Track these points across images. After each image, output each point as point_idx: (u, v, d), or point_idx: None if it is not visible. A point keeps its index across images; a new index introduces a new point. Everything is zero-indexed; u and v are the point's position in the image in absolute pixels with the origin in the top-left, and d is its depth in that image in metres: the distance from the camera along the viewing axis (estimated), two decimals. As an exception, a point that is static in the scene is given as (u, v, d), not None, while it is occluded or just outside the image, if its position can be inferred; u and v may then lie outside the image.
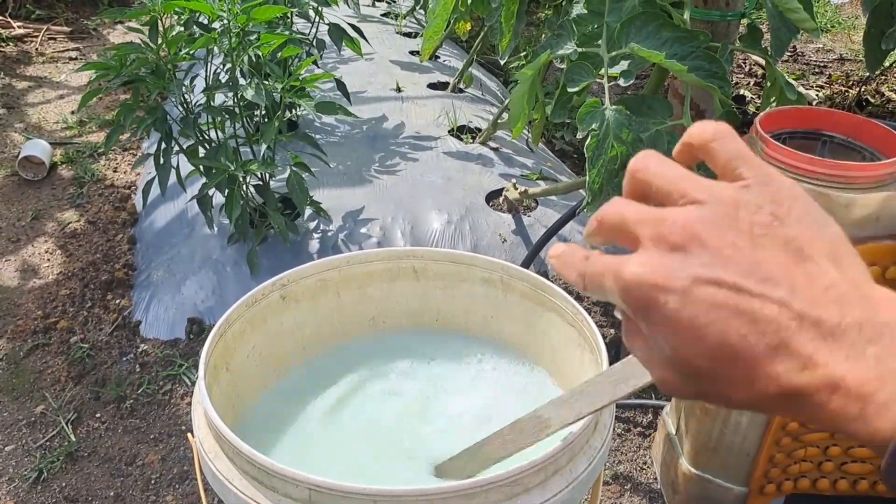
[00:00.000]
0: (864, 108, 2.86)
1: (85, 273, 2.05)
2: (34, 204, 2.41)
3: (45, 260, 2.14)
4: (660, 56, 1.05)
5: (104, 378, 1.73)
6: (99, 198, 2.43)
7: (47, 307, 1.95)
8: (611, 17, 1.14)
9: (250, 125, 1.82)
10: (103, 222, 2.29)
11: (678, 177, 0.37)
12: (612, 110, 1.09)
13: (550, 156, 2.59)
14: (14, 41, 3.74)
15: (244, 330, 1.01)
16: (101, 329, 1.87)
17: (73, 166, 2.62)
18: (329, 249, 1.91)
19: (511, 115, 1.45)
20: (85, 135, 2.87)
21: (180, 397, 1.68)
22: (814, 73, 3.53)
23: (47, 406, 1.66)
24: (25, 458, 1.55)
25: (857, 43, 3.85)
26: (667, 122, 1.16)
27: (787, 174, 1.09)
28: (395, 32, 3.47)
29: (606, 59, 1.13)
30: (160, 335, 1.84)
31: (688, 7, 1.19)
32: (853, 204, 1.06)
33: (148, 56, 1.64)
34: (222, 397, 0.93)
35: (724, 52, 1.20)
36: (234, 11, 1.57)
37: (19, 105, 3.11)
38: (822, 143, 1.23)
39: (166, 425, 1.62)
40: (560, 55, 1.20)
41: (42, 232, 2.27)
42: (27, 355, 1.80)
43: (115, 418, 1.63)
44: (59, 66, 3.53)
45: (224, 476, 0.77)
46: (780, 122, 1.22)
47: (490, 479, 0.70)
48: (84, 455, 1.55)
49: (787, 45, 1.23)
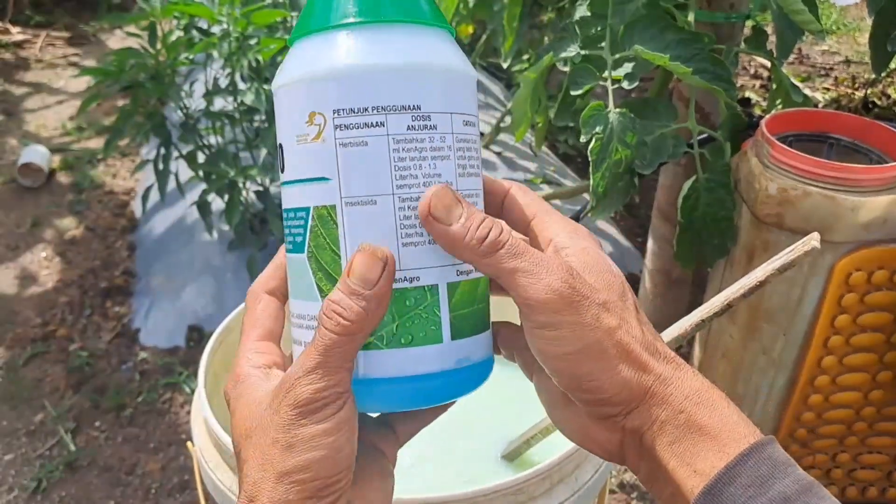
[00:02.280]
0: (870, 111, 2.85)
1: (84, 280, 2.04)
2: (33, 211, 2.40)
3: (44, 267, 2.13)
4: (664, 58, 1.04)
5: (103, 386, 1.71)
6: (98, 204, 2.42)
7: (46, 315, 1.94)
8: (614, 20, 1.13)
9: (250, 130, 1.81)
10: (102, 229, 2.28)
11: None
12: (615, 113, 1.07)
13: (554, 160, 2.58)
14: (13, 47, 3.73)
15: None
16: (101, 337, 1.85)
17: (72, 173, 2.61)
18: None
19: (514, 118, 1.44)
20: (83, 141, 2.85)
21: (180, 406, 1.67)
22: (819, 76, 3.52)
23: (46, 415, 1.65)
24: (25, 468, 1.53)
25: (862, 45, 3.84)
26: (671, 125, 1.15)
27: (794, 177, 1.08)
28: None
29: (610, 62, 1.12)
30: (160, 343, 1.83)
31: (692, 9, 1.18)
32: (860, 207, 1.05)
33: (147, 61, 1.63)
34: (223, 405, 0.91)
35: (728, 54, 1.19)
36: (234, 16, 1.56)
37: (18, 111, 3.10)
38: (829, 145, 1.22)
39: (166, 434, 1.60)
40: (563, 58, 1.19)
41: (41, 239, 2.26)
42: (26, 363, 1.79)
43: (115, 427, 1.62)
44: (58, 71, 3.52)
45: (225, 486, 0.76)
46: (786, 125, 1.21)
47: (495, 487, 0.68)
48: (84, 464, 1.54)
49: (792, 47, 1.21)
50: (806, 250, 0.52)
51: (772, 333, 1.17)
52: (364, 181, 0.37)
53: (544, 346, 0.37)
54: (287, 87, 0.39)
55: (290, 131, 0.38)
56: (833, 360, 1.14)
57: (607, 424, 0.38)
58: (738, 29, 1.36)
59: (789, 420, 1.20)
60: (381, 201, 0.37)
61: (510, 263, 0.36)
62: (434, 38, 0.39)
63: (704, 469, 0.35)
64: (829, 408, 1.19)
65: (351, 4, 0.37)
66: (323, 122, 0.37)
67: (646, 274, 1.62)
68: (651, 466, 0.37)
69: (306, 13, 0.39)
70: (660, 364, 0.37)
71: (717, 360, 1.28)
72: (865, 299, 1.10)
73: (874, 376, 1.15)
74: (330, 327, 0.35)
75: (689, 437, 0.36)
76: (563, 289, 0.36)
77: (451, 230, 0.36)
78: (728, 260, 1.23)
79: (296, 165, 0.38)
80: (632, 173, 1.13)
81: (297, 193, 0.39)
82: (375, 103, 0.36)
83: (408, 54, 0.37)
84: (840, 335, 1.13)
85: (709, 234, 1.20)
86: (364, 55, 0.37)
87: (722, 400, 0.37)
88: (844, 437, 1.22)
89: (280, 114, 0.39)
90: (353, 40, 0.37)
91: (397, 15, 0.38)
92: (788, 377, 1.18)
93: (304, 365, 0.35)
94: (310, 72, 0.37)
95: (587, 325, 0.36)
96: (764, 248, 1.14)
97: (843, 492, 1.27)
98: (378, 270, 0.35)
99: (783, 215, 1.09)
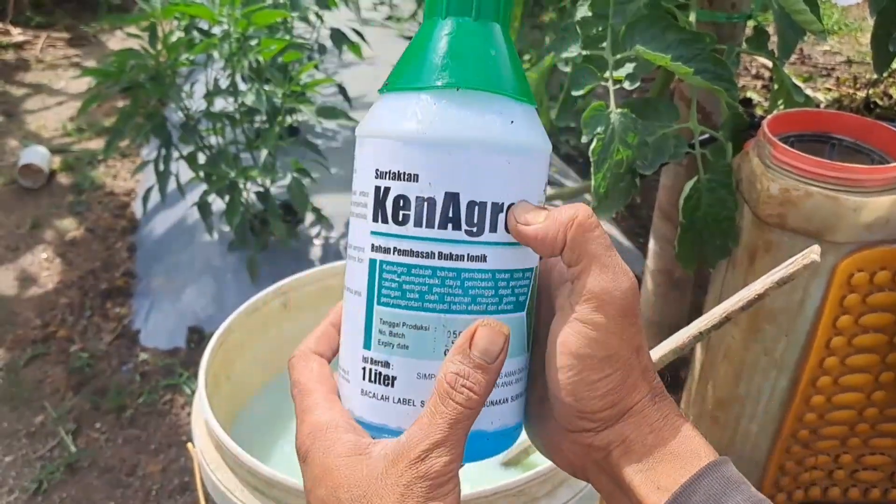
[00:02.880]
0: (872, 111, 2.85)
1: (84, 281, 2.03)
2: (33, 212, 2.40)
3: (45, 268, 2.13)
4: (665, 59, 1.03)
5: (104, 388, 1.71)
6: (98, 205, 2.42)
7: (46, 316, 1.93)
8: (616, 20, 1.13)
9: (251, 131, 1.81)
10: (102, 230, 2.27)
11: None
12: (617, 114, 1.07)
13: (555, 160, 2.58)
14: (13, 48, 3.73)
15: (244, 338, 1.00)
16: (101, 338, 1.85)
17: (72, 174, 2.61)
18: (331, 256, 1.90)
19: (514, 119, 1.43)
20: (84, 142, 2.85)
21: (181, 407, 1.67)
22: (821, 76, 3.51)
23: (47, 416, 1.65)
24: (25, 469, 1.53)
25: (864, 45, 3.84)
26: (673, 125, 1.15)
27: (796, 177, 1.08)
28: (398, 36, 3.45)
29: (611, 62, 1.12)
30: (160, 344, 1.82)
31: (693, 9, 1.18)
32: (863, 207, 1.04)
33: (147, 62, 1.63)
34: (223, 406, 0.91)
35: (730, 54, 1.18)
36: (235, 16, 1.55)
37: (18, 112, 3.10)
38: (831, 146, 1.22)
39: (167, 435, 1.60)
40: (564, 58, 1.19)
41: (41, 240, 2.26)
42: (26, 365, 1.79)
43: (115, 428, 1.62)
44: (59, 72, 3.52)
45: (226, 487, 0.76)
46: (788, 125, 1.21)
47: (496, 489, 0.68)
48: (84, 466, 1.54)
49: (793, 47, 1.21)
50: (805, 263, 0.52)
51: (774, 334, 1.17)
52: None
53: (576, 341, 0.37)
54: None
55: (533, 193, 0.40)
56: (835, 360, 1.14)
57: (577, 438, 0.39)
58: (740, 29, 1.35)
59: (791, 421, 1.20)
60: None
61: (597, 249, 0.37)
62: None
63: (667, 485, 0.36)
64: (832, 409, 1.18)
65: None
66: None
67: (647, 274, 1.62)
68: (614, 482, 0.39)
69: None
70: (649, 389, 0.39)
71: (718, 361, 1.28)
72: (868, 300, 1.10)
73: (877, 377, 1.15)
74: (460, 401, 0.35)
75: (655, 455, 0.38)
76: (629, 297, 0.37)
77: (544, 219, 0.38)
78: (730, 260, 1.23)
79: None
80: (633, 174, 1.13)
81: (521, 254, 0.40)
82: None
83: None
84: (842, 336, 1.12)
85: (710, 234, 1.20)
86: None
87: (687, 423, 0.39)
88: (847, 438, 1.21)
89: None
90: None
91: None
92: (790, 378, 1.18)
93: (432, 437, 0.35)
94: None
95: (626, 339, 0.38)
96: (766, 249, 1.13)
97: (845, 493, 1.26)
98: (501, 343, 0.37)
99: (785, 216, 1.08)
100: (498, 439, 0.40)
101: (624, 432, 0.38)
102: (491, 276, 0.38)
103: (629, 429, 0.38)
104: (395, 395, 0.38)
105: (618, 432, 0.38)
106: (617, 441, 0.38)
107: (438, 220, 0.37)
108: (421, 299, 0.38)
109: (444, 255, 0.37)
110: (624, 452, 0.38)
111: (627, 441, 0.38)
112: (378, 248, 0.38)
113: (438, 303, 0.37)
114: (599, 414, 0.38)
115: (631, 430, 0.38)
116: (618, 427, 0.38)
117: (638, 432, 0.38)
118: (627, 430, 0.38)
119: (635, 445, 0.38)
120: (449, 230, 0.37)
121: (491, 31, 0.39)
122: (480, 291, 0.38)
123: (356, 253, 0.40)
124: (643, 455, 0.38)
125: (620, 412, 0.38)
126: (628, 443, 0.38)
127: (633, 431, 0.38)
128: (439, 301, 0.37)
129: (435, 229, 0.37)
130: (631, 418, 0.38)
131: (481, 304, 0.38)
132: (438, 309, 0.38)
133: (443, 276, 0.37)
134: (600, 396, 0.38)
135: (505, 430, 0.40)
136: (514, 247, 0.39)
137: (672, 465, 0.37)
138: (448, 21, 0.38)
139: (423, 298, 0.38)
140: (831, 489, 1.26)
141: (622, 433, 0.38)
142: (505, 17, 0.39)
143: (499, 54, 0.38)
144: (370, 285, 0.39)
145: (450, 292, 0.38)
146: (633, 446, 0.38)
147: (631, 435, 0.38)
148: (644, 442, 0.38)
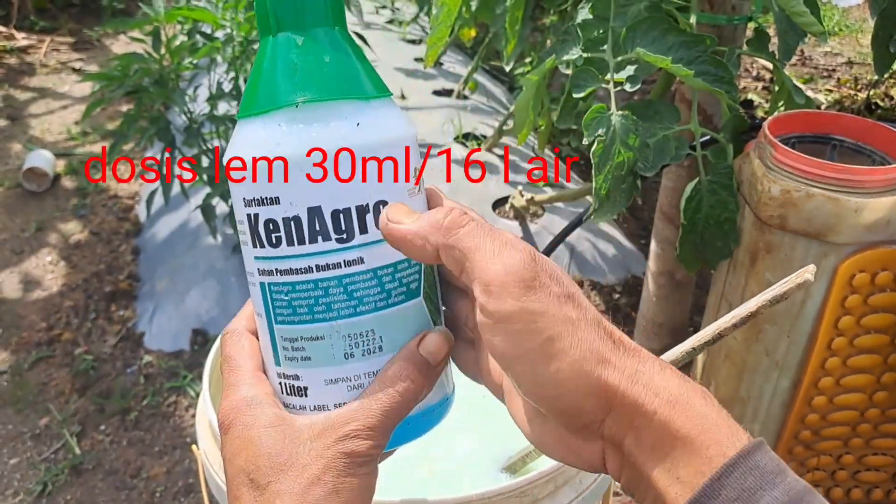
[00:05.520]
0: (873, 112, 2.85)
1: (88, 284, 2.04)
2: (37, 215, 2.41)
3: (49, 271, 2.14)
4: (666, 61, 1.04)
5: (108, 390, 1.72)
6: (102, 208, 2.43)
7: (51, 319, 1.94)
8: (616, 22, 1.13)
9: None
10: (106, 233, 2.28)
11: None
12: (618, 116, 1.08)
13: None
14: (17, 52, 3.75)
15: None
16: (105, 341, 1.86)
17: (77, 177, 2.61)
18: (333, 258, 1.90)
19: (516, 121, 1.44)
20: (88, 145, 2.86)
21: (185, 409, 1.67)
22: (822, 77, 3.52)
23: (52, 418, 1.65)
24: (30, 472, 1.54)
25: (865, 46, 3.84)
26: (674, 127, 1.15)
27: (797, 179, 1.08)
28: (400, 39, 3.46)
29: (612, 65, 1.12)
30: (164, 346, 1.83)
31: (694, 11, 1.18)
32: (863, 208, 1.05)
33: (151, 66, 1.63)
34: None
35: (730, 56, 1.19)
36: (237, 20, 1.56)
37: (22, 116, 3.11)
38: (832, 147, 1.22)
39: (171, 437, 1.61)
40: (565, 61, 1.19)
41: (45, 243, 2.27)
42: (31, 367, 1.79)
43: (120, 430, 1.62)
44: (63, 76, 3.53)
45: (229, 490, 0.76)
46: (789, 127, 1.21)
47: (499, 489, 0.68)
48: (89, 468, 1.54)
49: (794, 48, 1.21)
50: (799, 282, 0.52)
51: (775, 335, 1.17)
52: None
53: (504, 345, 0.35)
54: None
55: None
56: (837, 361, 1.14)
57: (586, 434, 0.36)
58: (741, 31, 1.36)
59: (793, 422, 1.20)
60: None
61: (473, 242, 0.35)
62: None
63: (687, 476, 0.33)
64: (834, 409, 1.18)
65: None
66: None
67: (649, 276, 1.62)
68: (632, 473, 0.35)
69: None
70: (622, 357, 0.35)
71: (720, 362, 1.28)
72: (869, 301, 1.10)
73: (878, 378, 1.15)
74: (399, 390, 0.37)
75: (668, 442, 0.34)
76: (522, 268, 0.34)
77: (411, 224, 0.37)
78: (731, 262, 1.23)
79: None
80: (634, 175, 1.13)
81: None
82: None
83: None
84: (844, 337, 1.12)
85: (712, 235, 1.20)
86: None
87: (698, 396, 0.34)
88: (849, 438, 1.21)
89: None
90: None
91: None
92: (792, 379, 1.18)
93: (365, 419, 0.37)
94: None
95: (549, 304, 0.34)
96: (767, 250, 1.14)
97: (847, 494, 1.26)
98: (446, 350, 0.40)
99: (786, 217, 1.09)
100: (420, 421, 0.41)
101: (627, 418, 0.34)
102: (373, 274, 0.39)
103: (630, 412, 0.34)
104: (310, 404, 0.40)
105: (621, 419, 0.35)
106: (624, 428, 0.35)
107: (308, 235, 0.38)
108: (311, 312, 0.39)
109: (321, 267, 0.38)
110: (635, 440, 0.34)
111: (634, 427, 0.34)
112: (264, 272, 0.39)
113: (327, 311, 0.38)
114: (584, 403, 0.35)
115: (633, 414, 0.34)
116: (617, 412, 0.35)
117: (641, 415, 0.34)
118: (630, 415, 0.34)
119: (644, 432, 0.34)
120: (320, 242, 0.38)
121: (325, 38, 0.39)
122: (366, 291, 0.39)
123: (250, 278, 0.41)
124: (654, 442, 0.34)
125: (605, 389, 0.34)
126: (636, 429, 0.34)
127: (633, 411, 0.34)
128: (327, 310, 0.38)
129: (307, 245, 0.38)
130: (622, 387, 0.34)
131: (369, 303, 0.39)
132: (328, 318, 0.38)
133: (325, 286, 0.38)
134: (565, 381, 0.34)
135: (428, 408, 0.41)
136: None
137: (688, 454, 0.33)
138: (280, 37, 0.39)
139: (313, 311, 0.39)
140: (834, 490, 1.26)
141: (624, 412, 0.34)
142: (337, 18, 0.39)
143: (336, 59, 0.39)
144: (266, 307, 0.40)
145: (336, 300, 0.38)
146: (643, 433, 0.34)
147: (636, 420, 0.34)
148: (651, 424, 0.34)
